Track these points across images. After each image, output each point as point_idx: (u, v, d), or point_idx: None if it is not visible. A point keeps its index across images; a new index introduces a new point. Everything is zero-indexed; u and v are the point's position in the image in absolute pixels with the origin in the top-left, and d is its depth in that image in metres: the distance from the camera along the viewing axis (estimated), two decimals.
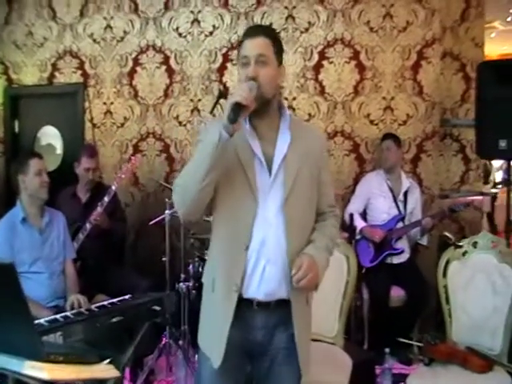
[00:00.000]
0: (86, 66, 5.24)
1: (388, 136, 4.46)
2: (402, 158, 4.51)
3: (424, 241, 4.36)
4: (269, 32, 2.00)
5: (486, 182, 9.03)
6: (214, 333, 1.96)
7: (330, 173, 2.18)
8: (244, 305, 1.92)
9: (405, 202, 4.34)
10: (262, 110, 1.94)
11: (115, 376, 1.77)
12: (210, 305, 2.02)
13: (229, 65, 4.88)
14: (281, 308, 1.94)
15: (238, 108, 1.75)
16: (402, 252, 4.26)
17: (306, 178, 1.98)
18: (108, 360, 1.79)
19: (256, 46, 1.90)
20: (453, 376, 2.74)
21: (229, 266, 1.93)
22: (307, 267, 1.85)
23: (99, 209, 3.91)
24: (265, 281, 1.90)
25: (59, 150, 5.36)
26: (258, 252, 1.90)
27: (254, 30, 1.98)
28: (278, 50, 1.96)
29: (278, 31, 4.59)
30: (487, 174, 9.47)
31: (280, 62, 1.98)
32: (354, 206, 4.42)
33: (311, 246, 1.97)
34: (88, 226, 3.88)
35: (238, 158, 1.91)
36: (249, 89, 1.81)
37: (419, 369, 2.91)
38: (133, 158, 4.22)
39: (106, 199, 3.93)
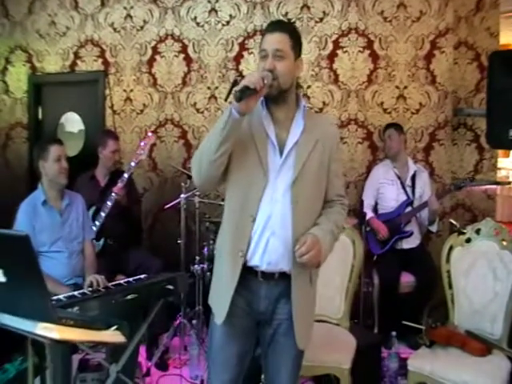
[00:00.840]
0: (107, 55, 5.36)
1: (389, 125, 4.54)
2: (405, 143, 4.54)
3: (434, 228, 4.38)
4: (287, 27, 2.11)
5: None
6: (221, 292, 2.13)
7: (342, 165, 2.31)
8: (249, 275, 2.09)
9: (413, 186, 4.39)
10: (280, 98, 2.08)
11: (121, 341, 1.91)
12: (220, 268, 2.19)
13: (245, 53, 4.97)
14: (284, 281, 2.09)
15: (245, 90, 1.88)
16: (411, 234, 4.31)
17: (315, 165, 2.10)
18: (114, 327, 1.93)
19: (274, 40, 2.02)
20: (452, 358, 2.85)
21: (236, 235, 2.09)
22: (310, 244, 1.97)
23: (120, 184, 4.04)
24: (268, 252, 2.05)
25: (81, 136, 5.50)
26: (264, 225, 2.05)
27: (273, 26, 2.09)
28: (296, 45, 2.08)
29: (294, 23, 4.68)
30: None
31: (298, 55, 2.09)
32: (367, 200, 4.50)
33: (316, 227, 2.09)
34: (109, 202, 4.00)
35: (253, 138, 2.07)
36: (260, 77, 1.93)
37: (420, 350, 3.01)
38: (150, 134, 4.30)
39: (126, 175, 4.07)
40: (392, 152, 4.47)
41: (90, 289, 3.10)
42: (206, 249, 4.21)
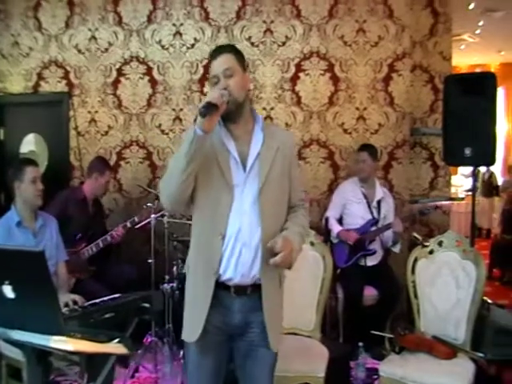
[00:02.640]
0: (71, 76, 5.39)
1: (364, 148, 4.67)
2: (377, 169, 4.74)
3: (396, 248, 4.57)
4: (229, 48, 2.28)
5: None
6: (195, 312, 2.21)
7: (298, 169, 2.47)
8: (222, 291, 2.18)
9: (378, 208, 4.57)
10: (236, 113, 2.21)
11: (125, 352, 2.02)
12: (192, 288, 2.28)
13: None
14: (255, 293, 2.19)
15: (209, 106, 1.99)
16: (375, 253, 4.50)
17: (278, 172, 2.24)
18: (117, 340, 2.03)
19: (221, 63, 2.18)
20: (421, 362, 3.04)
21: (207, 254, 2.18)
22: (282, 244, 2.09)
23: (121, 229, 4.28)
24: (241, 263, 2.15)
25: (44, 158, 5.49)
26: (235, 239, 2.15)
27: (216, 51, 2.24)
28: (241, 60, 2.24)
29: (257, 46, 4.90)
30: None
31: (244, 69, 2.26)
32: (331, 213, 4.65)
33: (285, 231, 2.21)
34: (102, 243, 4.25)
35: (215, 157, 2.17)
36: (220, 94, 2.06)
37: (390, 357, 3.20)
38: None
39: (129, 224, 4.28)
40: (363, 175, 4.63)
41: (67, 308, 3.14)
42: (174, 268, 4.28)
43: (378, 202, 4.58)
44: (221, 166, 2.17)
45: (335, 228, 4.54)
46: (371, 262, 4.53)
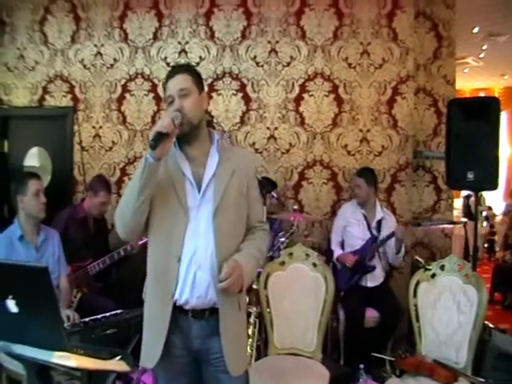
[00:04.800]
0: (76, 91, 5.46)
1: (361, 173, 4.71)
2: (375, 192, 4.74)
3: (400, 256, 4.51)
4: (185, 68, 2.33)
5: None
6: (153, 337, 2.20)
7: (258, 190, 2.45)
8: (180, 314, 2.17)
9: (378, 228, 4.61)
10: (192, 136, 2.23)
11: (127, 370, 2.06)
12: (150, 313, 2.27)
13: (214, 94, 5.19)
14: (214, 318, 2.18)
15: (159, 136, 2.01)
16: (374, 268, 4.51)
17: (234, 194, 2.24)
18: (119, 357, 2.07)
19: (176, 83, 2.20)
20: None
21: (164, 278, 2.17)
22: (229, 270, 2.09)
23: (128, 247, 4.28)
24: (197, 285, 2.15)
25: (48, 172, 5.53)
26: (190, 261, 2.15)
27: (172, 71, 2.26)
28: (197, 80, 2.26)
29: (261, 66, 4.98)
30: None
31: (201, 89, 2.27)
32: (333, 236, 4.74)
33: (239, 254, 2.21)
34: (116, 256, 4.28)
35: (170, 180, 2.18)
36: (170, 119, 2.06)
37: (391, 379, 3.23)
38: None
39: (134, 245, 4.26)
40: (359, 200, 4.69)
41: (68, 323, 3.18)
42: None
43: (379, 222, 4.61)
44: (176, 189, 2.18)
45: (336, 252, 4.60)
46: (372, 282, 4.56)
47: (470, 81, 10.37)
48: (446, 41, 5.18)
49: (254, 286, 3.76)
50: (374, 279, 4.57)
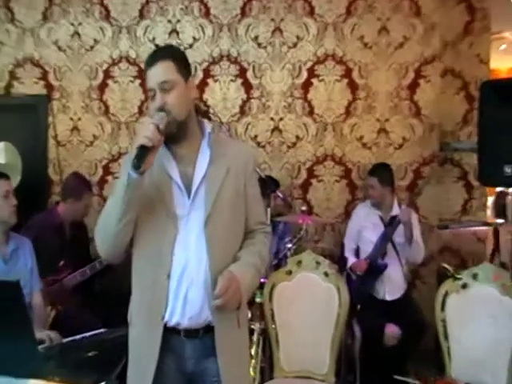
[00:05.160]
0: (50, 77, 5.41)
1: (374, 171, 4.65)
2: (392, 192, 4.66)
3: (415, 249, 4.41)
4: (167, 53, 2.20)
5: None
6: (142, 364, 2.15)
7: (259, 190, 2.40)
8: (172, 335, 2.14)
9: (391, 223, 4.51)
10: (178, 134, 2.17)
11: None
12: (137, 337, 2.23)
13: (210, 81, 5.16)
14: (209, 336, 2.14)
15: (142, 151, 1.96)
16: (386, 266, 4.42)
17: (229, 195, 2.20)
18: (102, 383, 2.01)
19: (157, 73, 2.11)
20: None
21: (153, 299, 2.14)
22: (225, 284, 2.04)
23: None
24: (188, 304, 2.11)
25: (17, 170, 5.43)
26: (180, 277, 2.11)
27: (151, 58, 2.17)
28: (182, 67, 2.16)
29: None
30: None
31: (187, 77, 2.18)
32: (346, 242, 4.68)
33: (235, 263, 2.17)
34: (98, 266, 4.23)
35: (155, 186, 2.13)
36: (154, 127, 1.99)
37: None
38: None
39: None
40: (373, 201, 4.65)
41: (43, 346, 3.12)
42: None
43: (393, 218, 4.54)
44: (162, 195, 2.14)
45: (349, 261, 4.53)
46: (392, 295, 4.51)
47: (507, 59, 10.23)
48: (480, 13, 5.02)
49: (257, 299, 3.73)
50: (393, 291, 4.51)
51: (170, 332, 2.13)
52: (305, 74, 5.09)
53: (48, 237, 4.21)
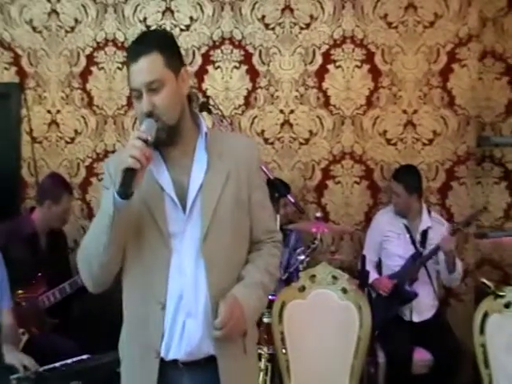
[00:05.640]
0: (23, 62, 5.39)
1: (399, 176, 4.67)
2: (419, 198, 4.68)
3: (456, 275, 4.46)
4: (151, 43, 2.09)
5: None
6: None
7: (266, 192, 2.37)
8: (168, 367, 2.12)
9: (424, 241, 4.57)
10: (169, 138, 2.11)
11: None
12: (129, 374, 2.24)
13: (210, 68, 5.15)
14: (211, 364, 2.12)
15: (130, 174, 1.89)
16: (416, 296, 4.43)
17: (230, 205, 2.15)
18: None
19: (141, 71, 2.03)
20: None
21: (145, 332, 2.13)
22: (228, 312, 2.03)
23: None
24: (185, 339, 2.10)
25: None
26: (176, 308, 2.09)
27: (134, 50, 2.10)
28: (171, 57, 2.09)
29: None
30: None
31: (178, 68, 2.12)
32: (367, 253, 4.60)
33: (238, 284, 2.15)
34: (79, 281, 4.11)
35: (142, 198, 2.07)
36: (141, 142, 1.92)
37: None
38: None
39: None
40: (397, 209, 4.67)
41: (15, 376, 3.11)
42: None
43: (424, 233, 4.57)
44: (152, 210, 2.10)
45: (371, 276, 4.50)
46: (420, 316, 4.52)
47: None
48: None
49: (265, 320, 3.71)
50: (421, 312, 4.53)
51: (166, 364, 2.11)
52: (319, 60, 5.08)
53: (18, 247, 4.22)
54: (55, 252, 4.54)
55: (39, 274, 4.27)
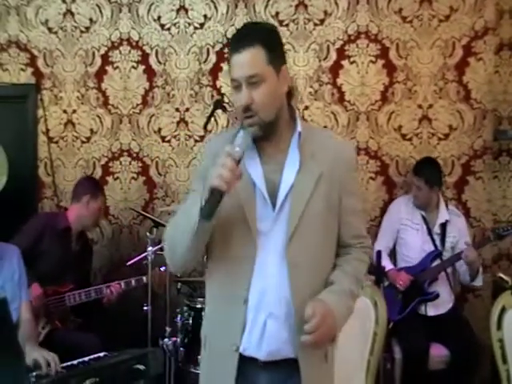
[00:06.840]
0: (40, 63, 5.42)
1: (420, 170, 4.63)
2: (439, 191, 4.68)
3: (479, 281, 4.45)
4: (256, 35, 2.09)
5: None
6: None
7: (360, 198, 2.36)
8: (247, 362, 2.13)
9: (443, 234, 4.55)
10: (266, 134, 2.12)
11: None
12: (208, 366, 2.27)
13: (224, 65, 5.13)
14: (289, 364, 2.12)
15: (217, 195, 1.90)
16: (437, 296, 4.43)
17: (319, 209, 2.12)
18: None
19: (244, 63, 2.03)
20: None
21: (226, 325, 2.15)
22: (320, 319, 1.97)
23: (122, 285, 4.30)
24: (266, 339, 2.10)
25: (3, 171, 5.42)
26: (257, 305, 2.09)
27: (238, 42, 2.09)
28: (274, 54, 2.08)
29: (285, 22, 4.95)
30: None
31: (280, 65, 2.11)
32: (382, 243, 4.65)
33: (327, 290, 2.13)
34: (105, 291, 4.27)
35: (236, 193, 2.04)
36: (232, 161, 1.92)
37: None
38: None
39: (134, 284, 4.30)
40: (417, 203, 4.64)
41: (34, 373, 3.11)
42: (178, 317, 4.25)
43: (443, 226, 4.56)
44: (242, 204, 2.10)
45: (386, 265, 4.48)
46: (435, 311, 4.51)
47: None
48: None
49: None
50: (437, 306, 4.51)
51: (245, 359, 2.13)
52: (334, 56, 5.07)
53: (51, 241, 4.25)
54: (84, 253, 4.57)
55: (67, 273, 4.29)
